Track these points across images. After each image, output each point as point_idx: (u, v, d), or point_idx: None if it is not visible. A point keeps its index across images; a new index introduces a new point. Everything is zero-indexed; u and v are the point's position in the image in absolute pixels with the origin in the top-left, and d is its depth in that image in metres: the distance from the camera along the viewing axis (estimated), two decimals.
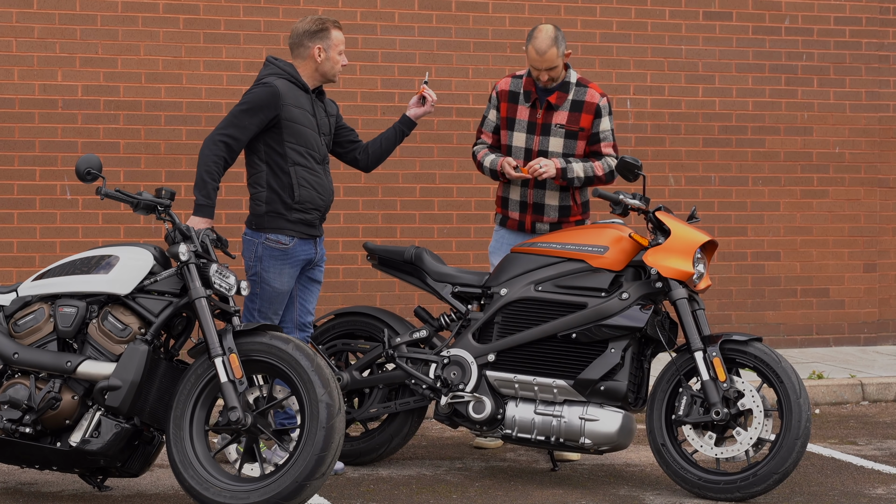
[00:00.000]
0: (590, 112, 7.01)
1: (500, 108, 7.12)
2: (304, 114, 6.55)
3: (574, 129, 7.01)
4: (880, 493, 6.46)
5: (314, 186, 6.58)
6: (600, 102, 7.02)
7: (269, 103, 6.44)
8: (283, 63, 6.62)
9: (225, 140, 6.40)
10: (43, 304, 5.97)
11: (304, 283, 6.73)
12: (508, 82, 7.13)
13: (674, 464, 6.36)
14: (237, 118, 6.44)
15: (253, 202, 6.58)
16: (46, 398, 5.77)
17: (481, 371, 6.59)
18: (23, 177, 9.15)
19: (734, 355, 6.33)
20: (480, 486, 6.53)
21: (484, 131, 7.21)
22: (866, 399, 9.03)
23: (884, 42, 10.79)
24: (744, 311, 10.51)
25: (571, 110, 7.01)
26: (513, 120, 7.09)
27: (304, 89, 6.59)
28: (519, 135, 7.07)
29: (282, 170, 6.52)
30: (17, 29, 9.12)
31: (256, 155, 6.55)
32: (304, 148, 6.54)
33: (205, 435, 5.79)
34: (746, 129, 10.51)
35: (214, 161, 6.37)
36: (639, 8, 10.28)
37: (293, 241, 6.54)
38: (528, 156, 7.05)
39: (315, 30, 6.59)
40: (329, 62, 6.61)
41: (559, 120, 7.01)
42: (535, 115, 7.03)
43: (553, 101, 6.99)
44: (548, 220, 7.12)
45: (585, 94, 7.03)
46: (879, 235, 10.83)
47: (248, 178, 6.62)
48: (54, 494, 6.24)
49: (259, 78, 6.59)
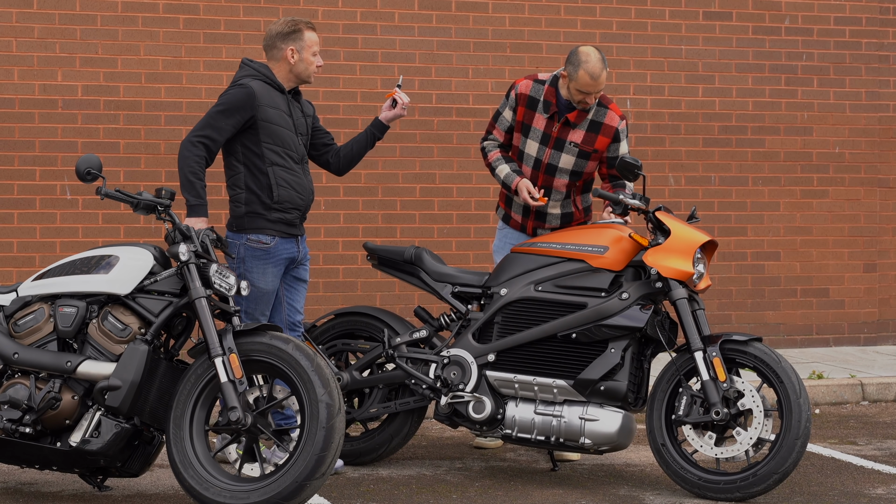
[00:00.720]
0: (607, 136, 6.94)
1: (517, 110, 7.00)
2: (280, 114, 6.57)
3: (588, 150, 6.94)
4: (880, 493, 6.46)
5: (293, 186, 6.59)
6: (619, 126, 6.95)
7: (245, 104, 6.46)
8: (258, 64, 6.64)
9: (202, 141, 6.43)
10: (43, 304, 5.97)
11: (290, 282, 6.74)
12: (530, 86, 6.97)
13: (674, 464, 6.36)
14: (213, 119, 6.46)
15: (232, 204, 6.60)
16: (46, 398, 5.77)
17: (481, 371, 6.59)
18: (23, 177, 9.15)
19: (734, 355, 6.33)
20: (480, 486, 6.53)
21: (497, 128, 7.10)
22: (866, 399, 9.03)
23: (884, 42, 10.79)
24: (744, 311, 10.51)
25: (589, 130, 6.93)
26: (528, 127, 6.99)
27: (279, 90, 6.61)
28: (532, 143, 6.98)
29: (260, 170, 6.54)
30: (17, 29, 9.12)
31: (234, 157, 6.57)
32: (281, 148, 6.56)
33: (205, 435, 5.79)
34: (746, 129, 10.51)
35: (196, 161, 6.40)
36: (639, 8, 10.28)
37: (274, 241, 6.55)
38: (538, 166, 6.99)
39: (287, 31, 6.61)
40: (303, 63, 6.62)
41: (574, 138, 6.92)
42: (552, 127, 6.92)
43: (572, 120, 6.90)
44: (549, 226, 7.13)
45: (605, 115, 6.94)
46: (879, 235, 10.83)
47: (226, 180, 6.64)
48: (54, 494, 6.24)
49: (235, 79, 6.61)
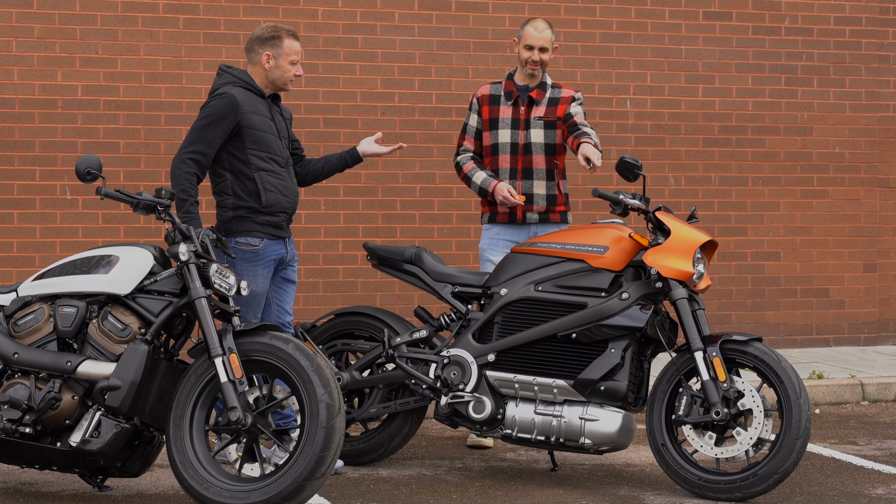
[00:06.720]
0: (565, 103, 7.41)
1: (481, 112, 7.44)
2: (263, 119, 6.58)
3: (552, 119, 7.36)
4: (880, 493, 6.46)
5: (280, 190, 6.61)
6: (575, 94, 7.44)
7: (229, 113, 6.46)
8: (236, 70, 6.64)
9: (193, 157, 6.44)
10: (43, 304, 5.97)
11: (279, 283, 6.75)
12: (488, 88, 7.49)
13: (674, 464, 6.36)
14: (200, 133, 6.47)
15: (220, 209, 6.61)
16: (46, 398, 5.77)
17: (481, 371, 6.60)
18: (23, 177, 9.15)
19: (734, 355, 6.33)
20: (480, 486, 6.53)
21: (467, 137, 7.49)
22: (866, 399, 9.03)
23: (884, 42, 10.79)
24: (744, 311, 10.51)
25: (549, 105, 7.40)
26: (496, 119, 7.39)
27: (260, 95, 6.62)
28: (504, 132, 7.37)
29: (246, 176, 6.54)
30: (17, 29, 9.12)
31: (219, 164, 6.58)
32: (266, 153, 6.57)
33: (205, 435, 5.79)
34: (746, 129, 10.51)
35: (187, 178, 6.41)
36: (639, 8, 10.28)
37: (263, 242, 6.57)
38: (515, 150, 7.35)
39: (267, 37, 6.61)
40: (278, 70, 6.62)
41: (538, 114, 7.36)
42: (518, 112, 7.38)
43: (534, 97, 7.35)
44: (537, 209, 7.33)
45: (560, 91, 7.45)
46: (879, 235, 10.83)
47: (213, 187, 6.64)
48: (54, 494, 6.24)
49: (214, 89, 6.60)
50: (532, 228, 7.36)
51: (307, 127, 9.49)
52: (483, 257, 7.43)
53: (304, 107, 9.53)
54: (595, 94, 10.09)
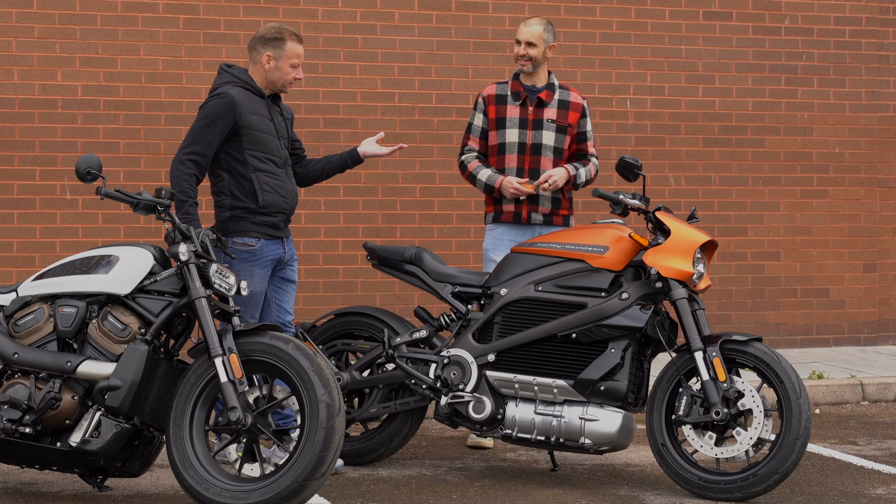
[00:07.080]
0: (576, 111, 7.43)
1: (487, 111, 7.40)
2: (261, 120, 6.57)
3: (563, 124, 7.37)
4: (880, 493, 6.46)
5: (277, 191, 6.60)
6: (584, 103, 7.47)
7: (227, 113, 6.46)
8: (236, 70, 6.64)
9: (192, 158, 6.43)
10: (43, 304, 5.97)
11: (278, 283, 6.74)
12: (494, 87, 7.46)
13: (674, 464, 6.36)
14: (199, 134, 6.47)
15: (217, 209, 6.60)
16: (46, 398, 5.76)
17: (481, 371, 6.60)
18: (23, 177, 9.15)
19: (734, 355, 6.33)
20: (480, 486, 6.53)
21: (472, 137, 7.45)
22: (866, 399, 9.03)
23: (884, 42, 10.79)
24: (744, 311, 10.51)
25: (559, 108, 7.39)
26: (503, 119, 7.36)
27: (259, 95, 6.61)
28: (511, 131, 7.34)
29: (243, 177, 6.54)
30: (17, 29, 9.12)
31: (217, 164, 6.57)
32: (263, 154, 6.56)
33: (205, 435, 5.79)
34: (746, 129, 10.51)
35: (186, 180, 6.41)
36: (639, 8, 10.28)
37: (260, 242, 6.56)
38: (523, 150, 7.33)
39: (270, 37, 6.60)
40: (278, 72, 6.61)
41: (550, 115, 7.35)
42: (526, 111, 7.35)
43: (543, 98, 7.33)
44: (542, 210, 7.32)
45: (569, 95, 7.45)
46: (879, 235, 10.83)
47: (211, 187, 6.65)
48: (54, 494, 6.24)
49: (213, 88, 6.60)
50: (536, 229, 7.35)
51: (307, 127, 9.49)
52: (487, 257, 7.42)
53: (304, 107, 9.54)
54: (595, 94, 10.09)
